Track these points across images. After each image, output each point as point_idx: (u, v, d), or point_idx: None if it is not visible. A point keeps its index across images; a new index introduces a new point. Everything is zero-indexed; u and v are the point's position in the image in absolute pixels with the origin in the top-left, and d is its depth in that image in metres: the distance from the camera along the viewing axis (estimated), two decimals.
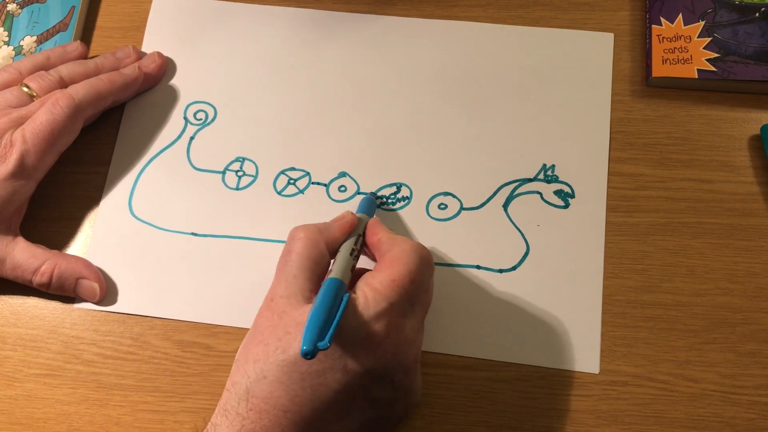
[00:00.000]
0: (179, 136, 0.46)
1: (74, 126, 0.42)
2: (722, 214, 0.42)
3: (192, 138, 0.46)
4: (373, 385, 0.33)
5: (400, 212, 0.43)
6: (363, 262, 0.40)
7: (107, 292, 0.42)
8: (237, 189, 0.44)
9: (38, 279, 0.41)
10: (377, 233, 0.37)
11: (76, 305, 0.43)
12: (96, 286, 0.42)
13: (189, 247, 0.43)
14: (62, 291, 0.42)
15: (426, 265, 0.35)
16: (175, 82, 0.48)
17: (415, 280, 0.34)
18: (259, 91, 0.47)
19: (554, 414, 0.39)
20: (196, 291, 0.42)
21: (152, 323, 0.42)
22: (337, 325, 0.30)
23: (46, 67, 0.45)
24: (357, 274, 0.36)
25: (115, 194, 0.45)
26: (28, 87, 0.43)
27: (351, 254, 0.36)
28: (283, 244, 0.36)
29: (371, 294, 0.33)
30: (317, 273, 0.35)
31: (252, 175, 0.45)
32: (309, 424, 0.32)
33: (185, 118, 0.47)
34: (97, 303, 0.42)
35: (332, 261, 0.36)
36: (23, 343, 0.42)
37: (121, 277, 0.43)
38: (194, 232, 0.44)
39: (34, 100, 0.43)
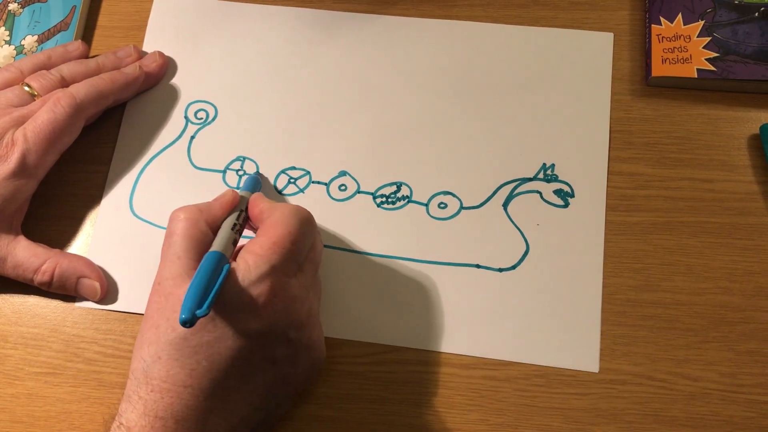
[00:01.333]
0: (180, 135, 0.46)
1: (75, 125, 0.43)
2: (721, 213, 0.42)
3: (193, 137, 0.46)
4: (268, 346, 0.34)
5: (400, 211, 0.43)
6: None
7: (108, 291, 0.43)
8: (237, 188, 0.45)
9: (39, 278, 0.41)
10: (258, 205, 0.38)
11: (77, 304, 0.43)
12: (97, 284, 0.42)
13: None
14: (63, 290, 0.42)
15: (306, 224, 0.36)
16: (176, 81, 0.48)
17: (297, 240, 0.35)
18: (259, 90, 0.47)
19: (554, 412, 0.39)
20: None
21: None
22: (216, 293, 0.31)
23: (47, 66, 0.45)
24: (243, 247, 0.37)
25: (116, 193, 0.45)
26: (29, 86, 0.43)
27: (233, 229, 0.36)
28: None
29: (252, 259, 0.34)
30: (200, 251, 0.35)
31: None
32: (212, 394, 0.33)
33: (186, 117, 0.47)
34: (98, 302, 0.42)
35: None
36: (24, 341, 0.42)
37: (122, 276, 0.43)
38: None
39: (35, 99, 0.43)
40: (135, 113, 0.47)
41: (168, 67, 0.48)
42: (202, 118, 0.47)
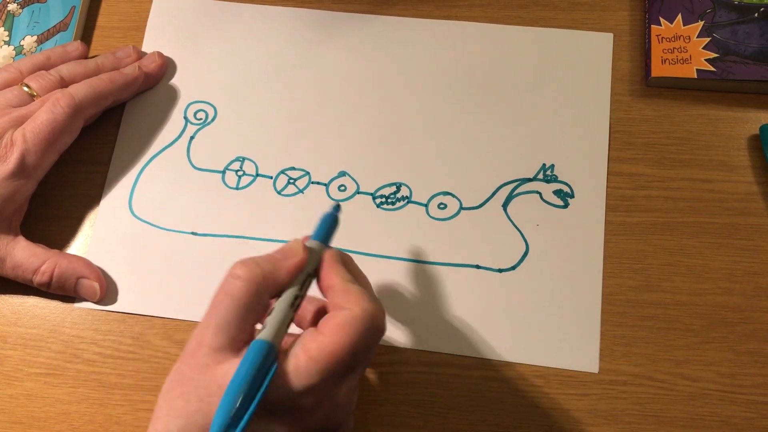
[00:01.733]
0: (179, 136, 0.46)
1: (74, 125, 0.42)
2: (721, 213, 0.42)
3: (192, 137, 0.46)
4: None
5: (400, 212, 0.43)
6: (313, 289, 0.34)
7: (107, 292, 0.42)
8: (237, 188, 0.45)
9: (39, 278, 0.41)
10: (331, 277, 0.32)
11: (77, 305, 0.43)
12: (96, 285, 0.42)
13: (189, 246, 0.43)
14: (63, 290, 0.42)
15: (374, 334, 0.31)
16: (175, 81, 0.48)
17: (358, 352, 0.30)
18: (259, 90, 0.47)
19: (554, 413, 0.39)
20: (196, 290, 0.42)
21: (152, 322, 0.42)
22: (255, 407, 0.28)
23: (46, 66, 0.45)
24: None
25: (116, 193, 0.45)
26: (28, 86, 0.43)
27: (291, 306, 0.31)
28: (283, 244, 0.34)
29: (305, 363, 0.29)
30: (252, 321, 0.31)
31: (252, 175, 0.45)
32: None
33: (185, 117, 0.47)
34: (98, 302, 0.42)
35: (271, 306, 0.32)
36: (24, 342, 0.42)
37: (122, 277, 0.43)
38: (194, 231, 0.44)
39: (34, 100, 0.43)
40: (134, 113, 0.47)
41: (167, 67, 0.48)
42: (201, 119, 0.46)
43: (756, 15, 0.44)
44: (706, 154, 0.43)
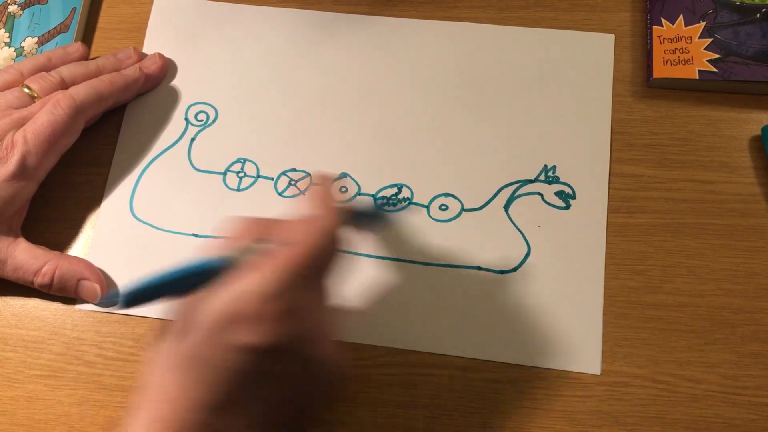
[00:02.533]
0: (180, 137, 0.46)
1: (75, 127, 0.42)
2: (723, 214, 0.42)
3: (193, 139, 0.46)
4: (276, 361, 0.32)
5: (401, 213, 0.43)
6: None
7: (108, 293, 0.42)
8: (238, 190, 0.45)
9: (39, 280, 0.41)
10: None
11: (78, 306, 0.43)
12: (97, 287, 0.42)
13: (190, 248, 0.43)
14: (63, 292, 0.42)
15: (328, 237, 0.33)
16: (176, 83, 0.48)
17: (314, 255, 0.32)
18: (260, 92, 0.47)
19: (556, 415, 0.39)
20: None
21: (153, 324, 0.42)
22: (150, 285, 0.31)
23: (47, 68, 0.45)
24: None
25: (116, 195, 0.45)
26: (29, 88, 0.43)
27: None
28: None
29: (271, 270, 0.31)
30: None
31: (253, 177, 0.45)
32: (216, 406, 0.31)
33: (186, 119, 0.47)
34: (98, 304, 0.42)
35: None
36: (24, 344, 0.42)
37: (122, 278, 0.43)
38: (195, 233, 0.44)
39: (35, 101, 0.43)
40: (135, 115, 0.47)
41: (168, 68, 0.48)
42: (202, 120, 0.46)
43: (758, 16, 0.44)
44: (708, 155, 0.43)
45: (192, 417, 0.31)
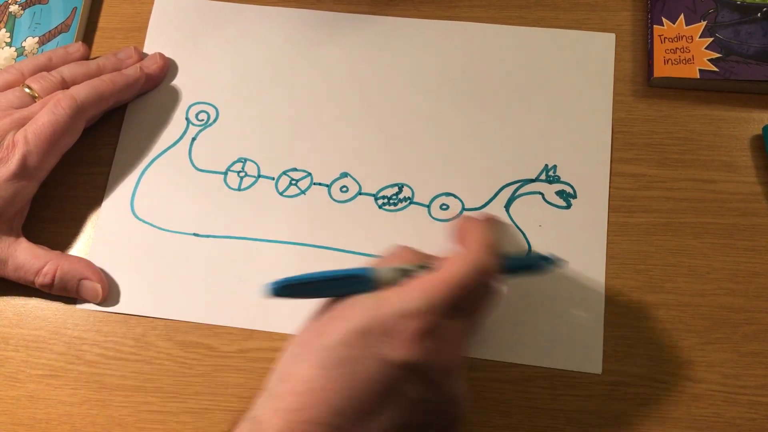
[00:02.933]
0: (181, 137, 0.46)
1: (76, 126, 0.42)
2: (724, 214, 0.42)
3: (194, 139, 0.46)
4: (409, 382, 0.32)
5: (402, 213, 0.43)
6: None
7: (109, 293, 0.42)
8: (239, 189, 0.45)
9: (41, 280, 0.41)
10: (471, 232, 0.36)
11: (79, 306, 0.43)
12: (98, 286, 0.42)
13: (191, 247, 0.43)
14: (65, 292, 0.42)
15: (480, 275, 0.34)
16: (176, 82, 0.48)
17: (463, 287, 0.33)
18: (260, 91, 0.47)
19: (557, 414, 0.39)
20: (198, 291, 0.42)
21: (154, 324, 0.42)
22: (308, 279, 0.32)
23: (47, 67, 0.45)
24: None
25: (117, 195, 0.45)
26: (30, 88, 0.43)
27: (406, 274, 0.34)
28: (285, 245, 0.36)
29: (410, 287, 0.32)
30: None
31: (254, 176, 0.45)
32: (343, 412, 0.31)
33: (187, 118, 0.47)
34: (100, 303, 0.42)
35: None
36: (26, 343, 0.42)
37: (123, 278, 0.43)
38: (196, 232, 0.44)
39: (36, 101, 0.43)
40: (136, 115, 0.47)
41: (168, 68, 0.48)
42: (203, 120, 0.46)
43: (759, 15, 0.44)
44: (709, 155, 0.43)
45: (328, 418, 0.30)
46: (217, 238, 0.43)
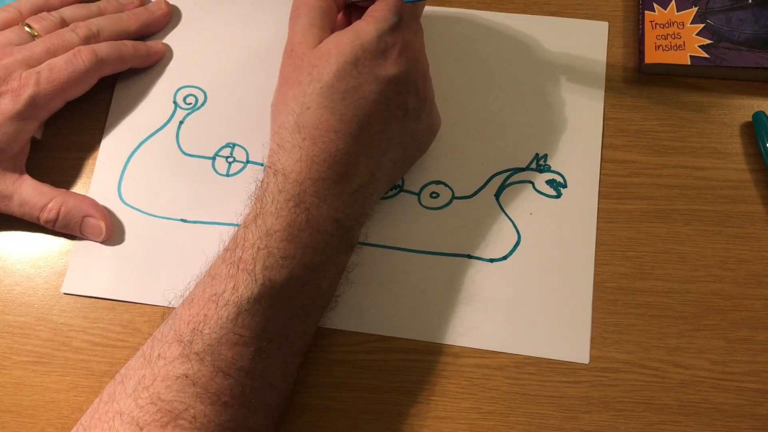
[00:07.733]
0: (168, 121, 0.46)
1: (89, 80, 0.43)
2: (714, 200, 0.42)
3: (181, 122, 0.46)
4: (402, 93, 0.37)
5: (392, 200, 0.43)
6: None
7: (96, 276, 0.42)
8: (227, 175, 0.44)
9: (45, 215, 0.41)
10: None
11: (65, 291, 0.42)
12: (102, 224, 0.42)
13: (178, 233, 0.43)
14: (68, 229, 0.42)
15: None
16: (164, 65, 0.47)
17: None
18: (249, 76, 0.46)
19: (546, 400, 0.39)
20: (186, 277, 0.42)
21: (142, 310, 0.42)
22: None
23: (46, 8, 0.45)
24: None
25: (104, 180, 0.45)
26: (29, 26, 0.43)
27: None
28: None
29: (384, 12, 0.36)
30: (329, 22, 0.38)
31: (242, 162, 0.44)
32: (358, 138, 0.36)
33: (175, 102, 0.46)
34: (102, 242, 0.42)
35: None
36: (11, 330, 0.42)
37: (111, 264, 0.43)
38: (184, 218, 0.43)
39: (35, 40, 0.43)
40: (123, 98, 0.46)
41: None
42: (191, 104, 0.46)
43: (750, 1, 0.44)
44: (699, 142, 0.43)
45: (342, 148, 0.35)
46: (204, 224, 0.43)
